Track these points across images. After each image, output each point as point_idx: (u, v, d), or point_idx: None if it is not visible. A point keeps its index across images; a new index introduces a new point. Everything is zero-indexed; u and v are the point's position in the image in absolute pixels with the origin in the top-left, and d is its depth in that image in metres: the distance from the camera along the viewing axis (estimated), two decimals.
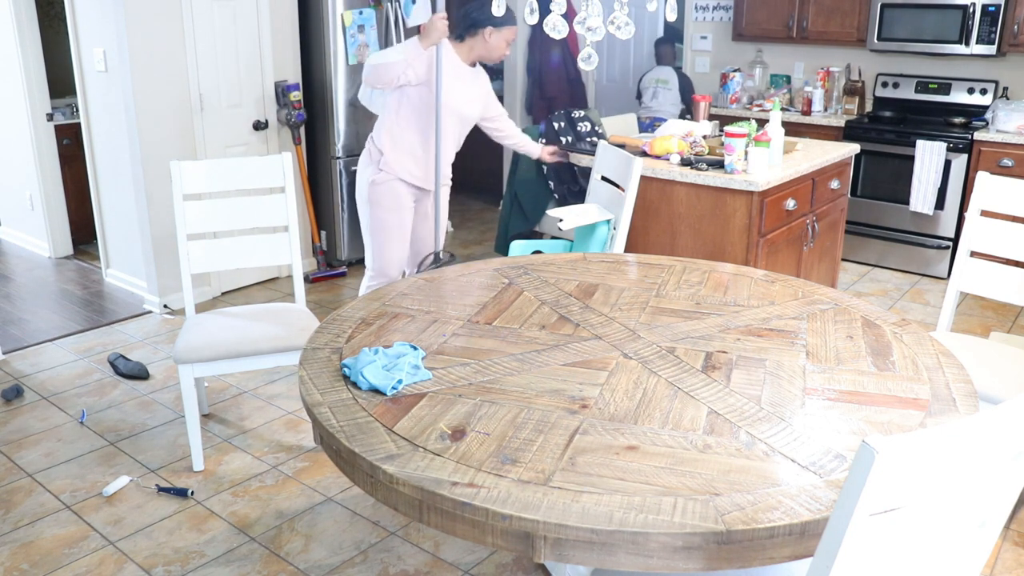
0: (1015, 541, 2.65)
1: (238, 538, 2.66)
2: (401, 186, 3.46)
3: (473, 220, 6.56)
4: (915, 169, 5.01)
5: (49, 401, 3.56)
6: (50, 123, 5.33)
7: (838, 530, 1.12)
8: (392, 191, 3.45)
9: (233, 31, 4.61)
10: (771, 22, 5.80)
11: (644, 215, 3.70)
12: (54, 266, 5.39)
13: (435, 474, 1.45)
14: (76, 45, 4.57)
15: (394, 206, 3.47)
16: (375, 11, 4.99)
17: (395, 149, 3.42)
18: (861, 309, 2.27)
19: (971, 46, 4.98)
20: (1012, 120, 4.86)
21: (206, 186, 3.10)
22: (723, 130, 3.71)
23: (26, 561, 2.54)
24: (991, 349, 2.81)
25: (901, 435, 1.08)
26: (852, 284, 5.07)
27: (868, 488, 1.07)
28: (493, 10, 2.47)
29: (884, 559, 1.21)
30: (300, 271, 3.23)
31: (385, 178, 3.43)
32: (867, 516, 1.11)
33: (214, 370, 2.91)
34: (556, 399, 1.73)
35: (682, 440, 1.58)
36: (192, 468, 3.01)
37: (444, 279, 2.49)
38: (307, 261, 5.22)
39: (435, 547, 2.61)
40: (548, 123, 4.28)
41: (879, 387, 1.81)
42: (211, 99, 4.58)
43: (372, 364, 1.80)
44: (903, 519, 1.17)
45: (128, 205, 4.57)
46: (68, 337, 4.24)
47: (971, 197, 2.88)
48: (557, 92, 6.76)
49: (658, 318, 2.19)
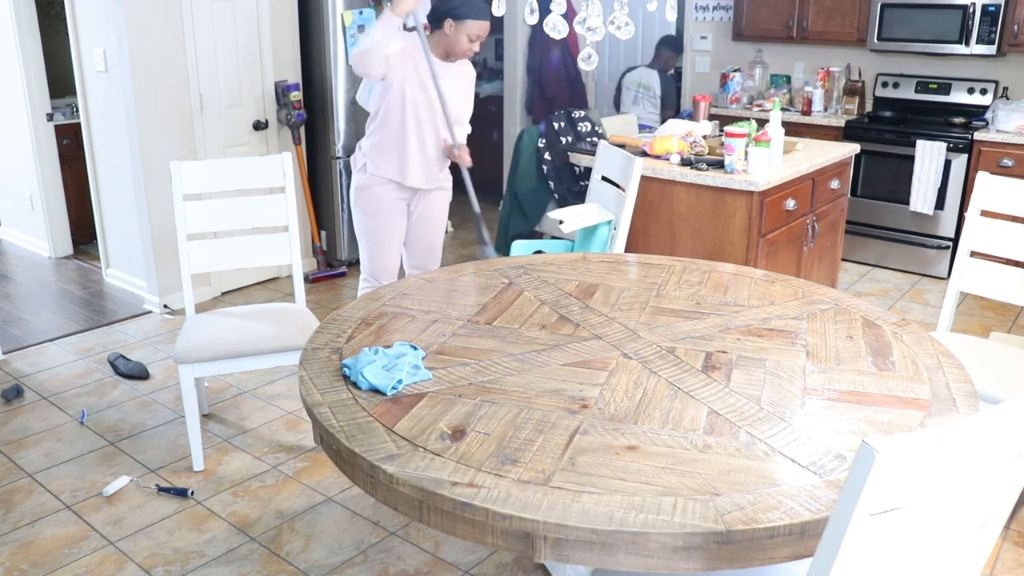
0: (1015, 541, 2.65)
1: (238, 538, 2.66)
2: (389, 189, 3.33)
3: (473, 220, 6.55)
4: (915, 169, 5.01)
5: (49, 401, 3.56)
6: (50, 123, 5.33)
7: (838, 530, 1.12)
8: (378, 195, 3.32)
9: (233, 31, 4.61)
10: (771, 22, 5.80)
11: (644, 215, 3.70)
12: (54, 266, 5.39)
13: (435, 474, 1.45)
14: (76, 45, 4.58)
15: (381, 211, 3.34)
16: (375, 11, 4.99)
17: (377, 149, 3.29)
18: (861, 309, 2.27)
19: (971, 46, 4.98)
20: (1012, 120, 4.86)
21: (206, 186, 3.10)
22: (723, 130, 3.71)
23: (26, 561, 2.54)
24: (991, 349, 2.81)
25: (901, 435, 1.08)
26: (852, 284, 5.07)
27: (868, 488, 1.07)
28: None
29: (884, 559, 1.21)
30: (300, 271, 3.23)
31: (370, 181, 3.32)
32: (867, 516, 1.11)
33: (214, 370, 2.91)
34: (556, 399, 1.73)
35: (682, 440, 1.58)
36: (192, 468, 3.01)
37: (444, 279, 2.49)
38: (307, 261, 5.22)
39: (435, 547, 2.61)
40: (548, 123, 4.28)
41: (879, 387, 1.81)
42: (211, 99, 4.58)
43: (372, 364, 1.80)
44: (903, 519, 1.17)
45: (128, 205, 4.57)
46: (68, 337, 4.24)
47: (971, 197, 2.88)
48: (557, 92, 6.76)
49: (658, 318, 2.19)
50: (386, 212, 3.37)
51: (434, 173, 3.40)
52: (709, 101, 4.32)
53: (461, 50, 3.22)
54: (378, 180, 3.31)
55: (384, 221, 3.37)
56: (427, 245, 3.54)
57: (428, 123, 3.28)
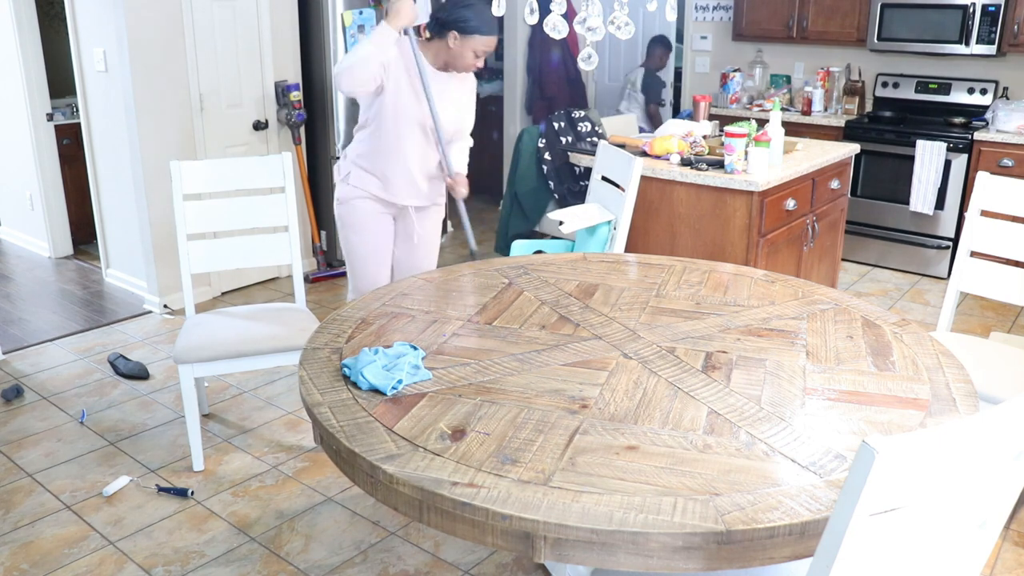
0: (1015, 541, 2.65)
1: (238, 538, 2.66)
2: (371, 203, 3.06)
3: (473, 220, 6.49)
4: (915, 169, 5.01)
5: (49, 401, 3.56)
6: (50, 123, 5.33)
7: (838, 530, 1.12)
8: (359, 210, 3.05)
9: (233, 31, 4.61)
10: (771, 22, 5.80)
11: (644, 215, 3.70)
12: (54, 266, 5.39)
13: (435, 474, 1.45)
14: (76, 45, 4.58)
15: (363, 227, 3.07)
16: (375, 11, 4.99)
17: (363, 160, 3.02)
18: (861, 309, 2.27)
19: (971, 46, 4.98)
20: (1012, 120, 4.86)
21: (206, 186, 3.10)
22: (723, 130, 3.71)
23: (26, 561, 2.54)
24: (991, 349, 2.81)
25: (901, 435, 1.08)
26: (852, 284, 5.07)
27: (868, 488, 1.07)
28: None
29: (884, 559, 1.21)
30: (300, 271, 3.23)
31: (351, 194, 3.04)
32: (867, 516, 1.11)
33: (214, 370, 2.91)
34: (556, 399, 1.73)
35: (682, 440, 1.58)
36: (192, 468, 3.01)
37: (444, 279, 2.49)
38: (307, 261, 5.22)
39: (435, 547, 2.61)
40: (548, 123, 4.28)
41: (879, 387, 1.81)
42: (211, 99, 4.58)
43: (372, 364, 1.80)
44: (903, 519, 1.17)
45: (128, 205, 4.57)
46: (68, 337, 4.24)
47: (971, 197, 2.88)
48: (557, 92, 6.76)
49: (658, 318, 2.19)
50: (372, 228, 3.08)
51: (423, 192, 3.10)
52: (709, 101, 4.32)
53: (464, 65, 2.94)
54: (360, 193, 3.05)
55: (369, 238, 3.09)
56: (420, 269, 3.19)
57: (420, 137, 2.98)
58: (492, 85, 7.26)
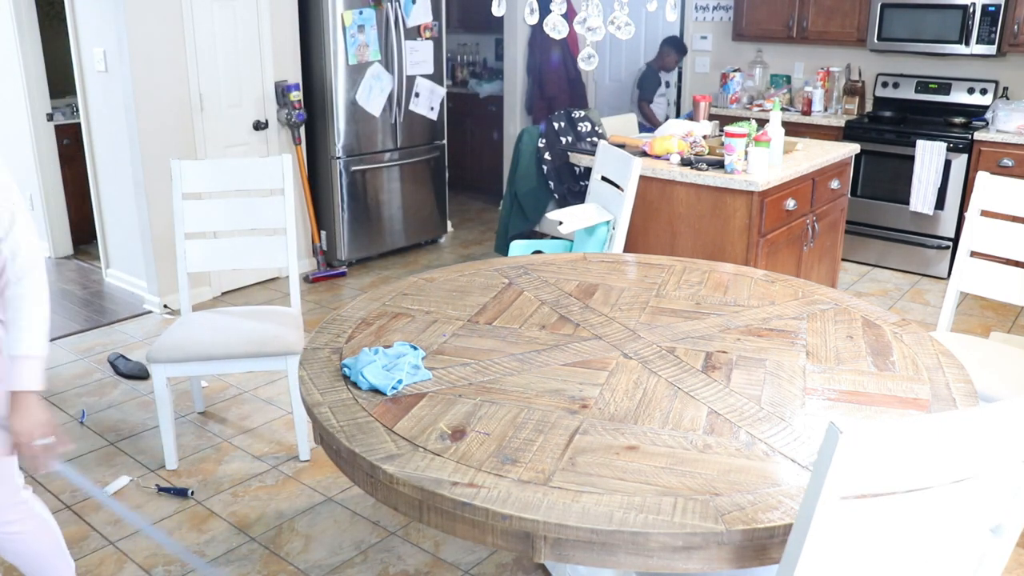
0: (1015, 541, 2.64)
1: (238, 538, 2.66)
2: None
3: (473, 220, 6.56)
4: (915, 169, 5.01)
5: (49, 401, 3.56)
6: (50, 123, 5.33)
7: (808, 510, 1.15)
8: None
9: (233, 31, 4.61)
10: (771, 22, 5.80)
11: (644, 215, 3.70)
12: (54, 266, 5.39)
13: (435, 474, 1.45)
14: (76, 45, 4.57)
15: None
16: (375, 11, 4.99)
17: None
18: (861, 309, 2.27)
19: (971, 46, 4.98)
20: (1012, 120, 4.86)
21: (206, 186, 3.09)
22: (723, 130, 3.71)
23: None
24: (991, 349, 2.81)
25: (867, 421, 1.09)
26: (852, 284, 5.07)
27: (835, 468, 1.09)
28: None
29: (864, 549, 1.21)
30: (296, 274, 3.18)
31: None
32: (838, 499, 1.13)
33: (185, 371, 2.89)
34: (556, 399, 1.73)
35: (682, 440, 1.58)
36: (165, 466, 3.00)
37: (444, 279, 2.49)
38: (307, 261, 5.22)
39: (435, 547, 2.61)
40: (548, 123, 4.28)
41: (879, 387, 1.81)
42: (211, 99, 4.58)
43: (372, 364, 1.80)
44: (885, 508, 1.18)
45: (128, 205, 4.57)
46: (68, 337, 4.24)
47: (971, 197, 2.88)
48: (557, 92, 6.76)
49: (658, 318, 2.19)
50: None
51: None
52: (709, 101, 4.32)
53: None
54: None
55: None
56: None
57: None
58: (492, 85, 7.26)
